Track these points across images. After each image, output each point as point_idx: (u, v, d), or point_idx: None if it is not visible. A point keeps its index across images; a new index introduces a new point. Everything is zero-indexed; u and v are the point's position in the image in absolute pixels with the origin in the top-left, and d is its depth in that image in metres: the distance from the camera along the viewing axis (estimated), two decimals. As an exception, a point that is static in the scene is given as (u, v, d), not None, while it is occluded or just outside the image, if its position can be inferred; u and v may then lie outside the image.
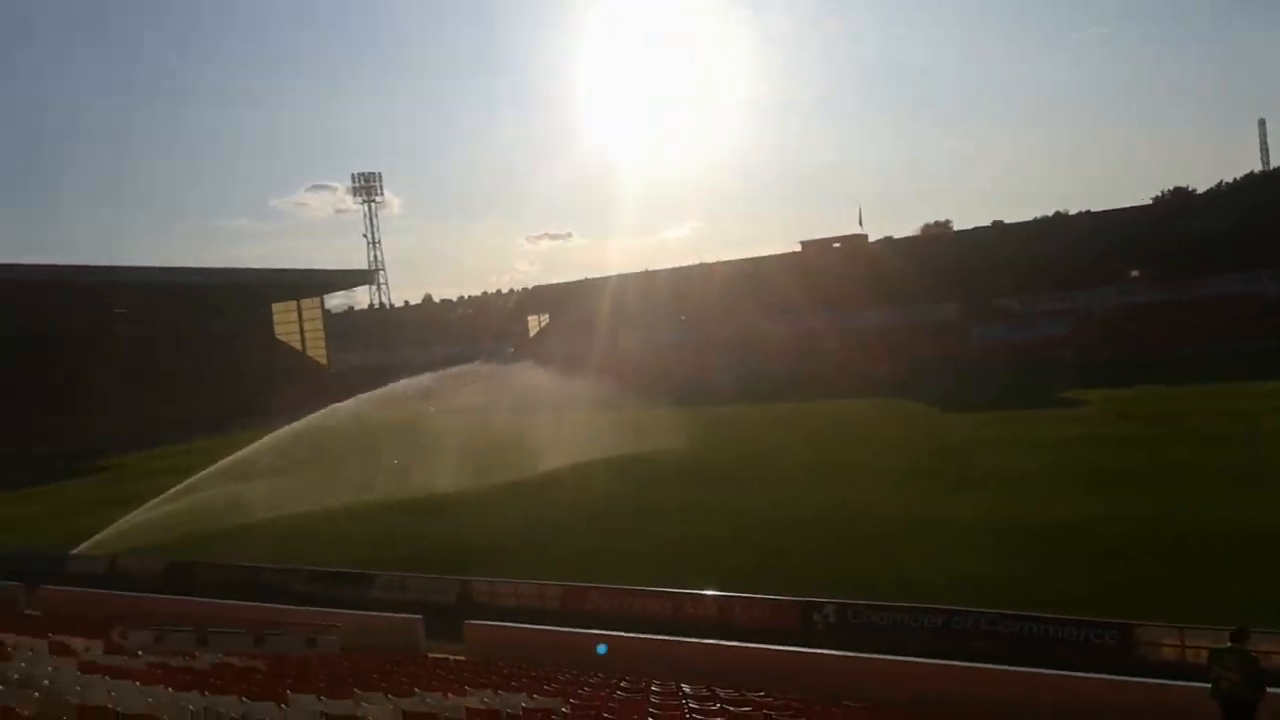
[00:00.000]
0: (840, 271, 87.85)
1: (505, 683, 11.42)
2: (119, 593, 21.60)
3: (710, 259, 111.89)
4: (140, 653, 13.12)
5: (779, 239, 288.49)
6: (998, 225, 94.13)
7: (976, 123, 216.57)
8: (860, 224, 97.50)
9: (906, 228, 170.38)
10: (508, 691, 10.41)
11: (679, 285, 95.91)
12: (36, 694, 8.21)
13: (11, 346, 73.88)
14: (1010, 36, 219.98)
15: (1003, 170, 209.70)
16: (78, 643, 13.56)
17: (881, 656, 12.95)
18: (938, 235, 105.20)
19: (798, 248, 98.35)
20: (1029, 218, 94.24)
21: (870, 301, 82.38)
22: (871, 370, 66.06)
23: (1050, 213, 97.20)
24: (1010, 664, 12.32)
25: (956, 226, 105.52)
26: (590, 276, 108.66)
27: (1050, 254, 78.37)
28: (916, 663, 12.67)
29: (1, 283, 68.62)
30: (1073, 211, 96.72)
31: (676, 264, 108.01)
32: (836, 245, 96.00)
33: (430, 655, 15.85)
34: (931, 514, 22.90)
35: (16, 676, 9.38)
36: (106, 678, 9.79)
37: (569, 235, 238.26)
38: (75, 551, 26.45)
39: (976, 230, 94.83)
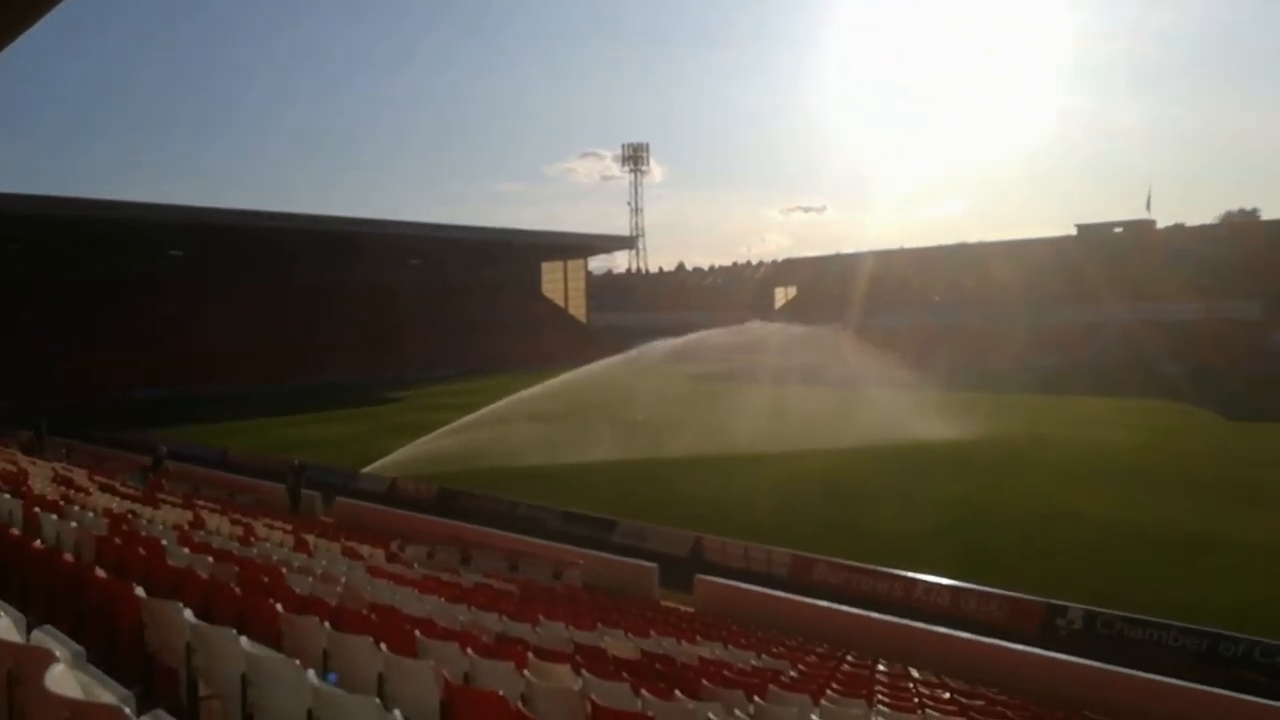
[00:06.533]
0: (1121, 260, 79.98)
1: (735, 639, 11.84)
2: (396, 510, 24.38)
3: (974, 240, 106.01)
4: (415, 565, 14.79)
5: (1054, 222, 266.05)
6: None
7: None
8: (1148, 209, 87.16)
9: (1204, 215, 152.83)
10: (737, 648, 10.81)
11: (937, 265, 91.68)
12: (338, 588, 9.55)
13: (336, 289, 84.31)
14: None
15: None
16: (364, 549, 15.51)
17: (1138, 673, 11.74)
18: (1241, 225, 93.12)
19: (1073, 231, 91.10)
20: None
21: (1154, 294, 74.04)
22: (1153, 369, 60.88)
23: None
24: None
25: (1265, 216, 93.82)
26: (843, 251, 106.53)
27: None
28: (1180, 686, 11.43)
29: (295, 231, 76.65)
30: None
31: (936, 243, 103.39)
32: (1118, 230, 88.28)
33: (661, 603, 16.66)
34: (1206, 529, 20.79)
35: (320, 571, 10.90)
36: (389, 583, 11.15)
37: (824, 209, 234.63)
38: (364, 471, 29.96)
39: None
